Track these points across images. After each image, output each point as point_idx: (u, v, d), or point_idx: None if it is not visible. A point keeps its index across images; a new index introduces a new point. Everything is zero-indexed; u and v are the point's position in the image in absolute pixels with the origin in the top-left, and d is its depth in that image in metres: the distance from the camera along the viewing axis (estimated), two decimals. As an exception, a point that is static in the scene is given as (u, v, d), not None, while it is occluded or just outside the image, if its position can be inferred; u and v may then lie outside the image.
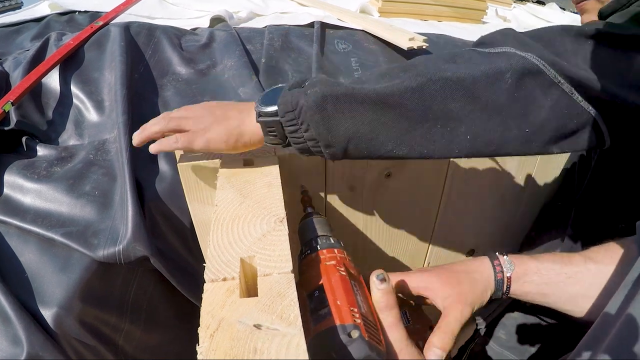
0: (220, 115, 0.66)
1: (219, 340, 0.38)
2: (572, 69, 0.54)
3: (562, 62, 0.55)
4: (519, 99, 0.56)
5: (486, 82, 0.55)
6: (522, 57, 0.55)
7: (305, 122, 0.58)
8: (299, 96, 0.58)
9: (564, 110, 0.56)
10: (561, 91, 0.55)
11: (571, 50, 0.56)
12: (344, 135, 0.58)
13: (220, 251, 0.49)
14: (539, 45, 0.57)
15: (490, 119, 0.56)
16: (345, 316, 0.50)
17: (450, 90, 0.55)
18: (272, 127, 0.62)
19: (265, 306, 0.42)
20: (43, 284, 0.88)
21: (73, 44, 1.28)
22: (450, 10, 2.37)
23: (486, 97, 0.55)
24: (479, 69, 0.55)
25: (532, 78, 0.55)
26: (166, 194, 1.04)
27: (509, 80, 0.55)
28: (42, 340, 0.83)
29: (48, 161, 1.06)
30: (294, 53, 1.57)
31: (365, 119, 0.57)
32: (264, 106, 0.61)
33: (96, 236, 0.93)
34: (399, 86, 0.56)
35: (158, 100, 1.26)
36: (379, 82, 0.58)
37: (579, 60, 0.55)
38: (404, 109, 0.56)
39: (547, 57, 0.55)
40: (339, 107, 0.57)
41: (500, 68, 0.55)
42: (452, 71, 0.56)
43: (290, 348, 0.38)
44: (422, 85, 0.55)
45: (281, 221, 0.55)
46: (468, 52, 0.60)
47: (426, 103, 0.56)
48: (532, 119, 0.56)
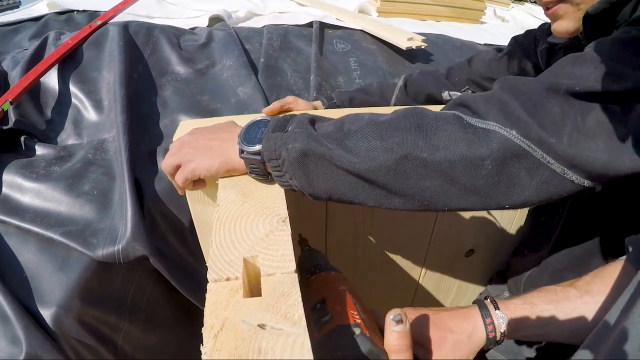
0: (202, 145, 0.68)
1: (223, 340, 0.38)
2: (562, 147, 0.50)
3: (549, 140, 0.50)
4: (499, 183, 0.53)
5: (463, 167, 0.52)
6: (505, 139, 0.51)
7: (288, 173, 0.59)
8: (281, 147, 0.58)
9: (553, 188, 0.53)
10: (551, 171, 0.52)
11: (560, 120, 0.51)
12: (325, 191, 0.59)
13: (223, 251, 0.49)
14: (524, 114, 0.52)
15: (468, 197, 0.55)
16: (346, 318, 0.51)
17: (425, 171, 0.53)
18: (255, 165, 0.63)
19: (269, 306, 0.42)
20: (42, 284, 0.88)
21: (71, 43, 1.28)
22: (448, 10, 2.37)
23: (464, 181, 0.53)
24: (457, 152, 0.52)
25: (517, 160, 0.52)
26: (165, 194, 1.04)
27: (489, 167, 0.52)
28: (41, 340, 0.83)
29: (47, 160, 1.05)
30: (293, 53, 1.57)
31: (345, 181, 0.57)
32: (247, 145, 0.61)
33: (95, 236, 0.93)
34: (374, 163, 0.54)
35: (157, 99, 1.26)
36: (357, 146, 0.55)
37: (569, 131, 0.51)
38: (379, 183, 0.56)
39: (534, 135, 0.51)
40: (320, 165, 0.57)
41: (480, 154, 0.52)
42: (429, 152, 0.53)
43: (295, 348, 0.38)
44: (396, 163, 0.53)
45: (284, 221, 0.55)
46: (450, 119, 0.55)
47: (401, 181, 0.55)
48: (514, 198, 0.54)
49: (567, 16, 0.68)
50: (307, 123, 0.59)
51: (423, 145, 0.53)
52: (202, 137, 0.69)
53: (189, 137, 0.70)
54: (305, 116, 0.62)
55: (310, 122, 0.60)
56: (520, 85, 0.55)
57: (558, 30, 0.71)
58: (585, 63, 0.53)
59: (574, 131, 0.51)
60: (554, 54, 0.88)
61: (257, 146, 0.61)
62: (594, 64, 0.52)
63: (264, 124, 0.64)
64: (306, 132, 0.57)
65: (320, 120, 0.63)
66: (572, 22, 0.68)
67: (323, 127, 0.60)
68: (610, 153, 0.50)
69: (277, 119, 0.63)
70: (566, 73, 0.54)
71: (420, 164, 0.53)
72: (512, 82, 0.56)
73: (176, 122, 1.20)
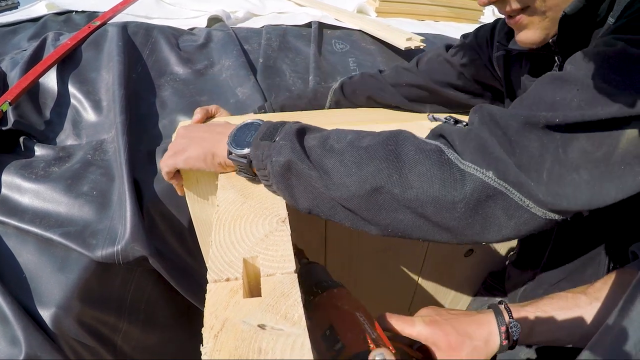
0: (196, 137, 0.70)
1: (223, 340, 0.38)
2: (542, 192, 0.48)
3: (528, 183, 0.48)
4: (474, 223, 0.51)
5: (435, 209, 0.51)
6: (481, 182, 0.49)
7: (274, 185, 0.60)
8: (267, 159, 0.58)
9: (533, 227, 0.51)
10: (531, 214, 0.50)
11: (539, 156, 0.48)
12: (306, 207, 0.59)
13: (222, 251, 0.49)
14: (502, 152, 0.50)
15: (442, 233, 0.54)
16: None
17: (397, 206, 0.53)
18: (243, 166, 0.64)
19: (269, 306, 0.42)
20: (41, 284, 0.88)
21: (70, 43, 1.28)
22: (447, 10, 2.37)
23: (436, 219, 0.52)
24: (430, 193, 0.51)
25: (492, 202, 0.50)
26: (164, 194, 1.04)
27: (462, 210, 0.50)
28: (41, 341, 0.83)
29: (46, 161, 1.05)
30: (292, 53, 1.57)
31: (324, 201, 0.57)
32: (236, 147, 0.62)
33: (94, 236, 0.93)
34: (347, 191, 0.54)
35: (156, 100, 1.26)
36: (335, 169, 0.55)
37: (549, 165, 0.48)
38: (354, 210, 0.56)
39: (512, 178, 0.49)
40: (301, 182, 0.57)
41: (452, 198, 0.50)
42: (401, 188, 0.52)
43: (295, 348, 0.38)
44: (368, 194, 0.53)
45: (283, 221, 0.55)
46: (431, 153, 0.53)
47: (373, 211, 0.54)
48: (491, 237, 0.52)
49: (533, 26, 0.64)
50: (293, 135, 0.59)
51: (397, 179, 0.52)
52: (197, 130, 0.71)
53: (184, 130, 0.72)
54: (294, 126, 0.61)
55: (297, 134, 0.59)
56: (498, 119, 0.52)
57: (523, 41, 0.67)
58: (567, 85, 0.50)
59: (555, 165, 0.48)
60: (512, 62, 0.82)
61: (245, 150, 0.61)
62: (576, 86, 0.49)
63: (254, 127, 0.64)
64: (290, 145, 0.57)
65: (309, 131, 0.62)
66: (538, 31, 0.64)
67: (309, 140, 0.60)
68: (595, 184, 0.47)
69: (267, 125, 0.63)
70: (546, 99, 0.51)
71: (392, 198, 0.53)
72: (490, 116, 0.53)
73: (175, 123, 1.20)
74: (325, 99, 1.07)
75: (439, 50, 0.99)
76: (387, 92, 1.02)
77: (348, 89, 1.06)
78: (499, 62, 0.85)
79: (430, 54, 1.00)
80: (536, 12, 0.62)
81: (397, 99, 1.02)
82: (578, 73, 0.50)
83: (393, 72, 1.04)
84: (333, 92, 1.07)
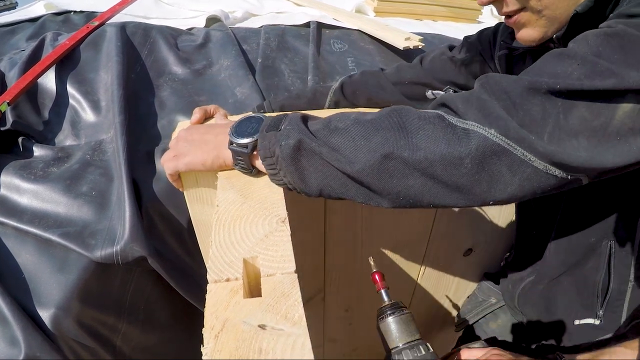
0: (197, 139, 0.71)
1: (224, 340, 0.38)
2: (542, 145, 0.50)
3: (530, 137, 0.51)
4: (480, 180, 0.53)
5: (443, 166, 0.53)
6: (484, 138, 0.52)
7: (282, 170, 0.60)
8: (275, 145, 0.59)
9: (537, 184, 0.53)
10: (533, 168, 0.52)
11: (541, 119, 0.51)
12: (317, 187, 0.60)
13: (222, 252, 0.49)
14: (503, 113, 0.52)
15: (451, 194, 0.56)
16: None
17: (408, 170, 0.55)
18: (241, 157, 0.65)
19: (269, 306, 0.42)
20: (40, 285, 0.88)
21: (69, 44, 1.28)
22: (445, 10, 2.37)
23: (445, 179, 0.54)
24: (437, 152, 0.53)
25: (497, 158, 0.52)
26: (163, 194, 1.04)
27: (468, 165, 0.52)
28: (40, 341, 0.83)
29: (45, 161, 1.05)
30: (290, 53, 1.57)
31: (335, 177, 0.58)
32: (237, 137, 0.63)
33: (94, 237, 0.93)
34: (358, 163, 0.56)
35: (155, 100, 1.26)
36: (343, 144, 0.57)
37: (550, 129, 0.51)
38: (365, 183, 0.57)
39: (513, 134, 0.51)
40: (311, 161, 0.58)
41: (459, 153, 0.52)
42: (410, 151, 0.54)
43: (295, 348, 0.38)
44: (379, 162, 0.55)
45: (283, 221, 0.55)
46: (432, 119, 0.56)
47: (385, 179, 0.56)
48: (497, 195, 0.54)
49: (531, 24, 0.67)
50: (299, 120, 0.61)
51: (404, 144, 0.54)
52: (197, 131, 0.72)
53: (184, 132, 0.72)
54: (297, 114, 0.63)
55: (302, 120, 0.61)
56: (501, 83, 0.55)
57: (523, 39, 0.70)
58: (568, 59, 0.53)
59: (555, 129, 0.51)
60: (514, 60, 0.85)
61: (245, 139, 0.63)
62: (576, 61, 0.52)
63: (256, 120, 0.65)
64: (298, 128, 0.59)
65: (312, 118, 0.64)
66: (537, 29, 0.67)
67: (313, 124, 0.61)
68: (593, 150, 0.50)
69: (270, 118, 0.64)
70: (549, 70, 0.54)
71: (402, 162, 0.54)
72: (493, 81, 0.56)
73: (174, 123, 1.20)
74: (325, 99, 1.08)
75: (442, 49, 1.01)
76: (387, 90, 1.03)
77: (348, 89, 1.06)
78: (501, 61, 0.87)
79: (433, 53, 1.02)
80: (533, 11, 0.65)
81: (398, 97, 1.03)
82: (579, 49, 0.53)
83: (395, 70, 1.05)
84: (333, 92, 1.07)
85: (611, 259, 0.75)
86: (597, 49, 0.52)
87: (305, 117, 0.63)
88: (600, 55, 0.51)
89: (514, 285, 0.98)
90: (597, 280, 0.77)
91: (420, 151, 0.53)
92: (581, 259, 0.79)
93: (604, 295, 0.77)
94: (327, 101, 1.08)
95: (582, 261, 0.80)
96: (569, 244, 0.81)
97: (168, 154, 0.71)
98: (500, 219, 1.13)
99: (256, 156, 0.63)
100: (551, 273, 0.86)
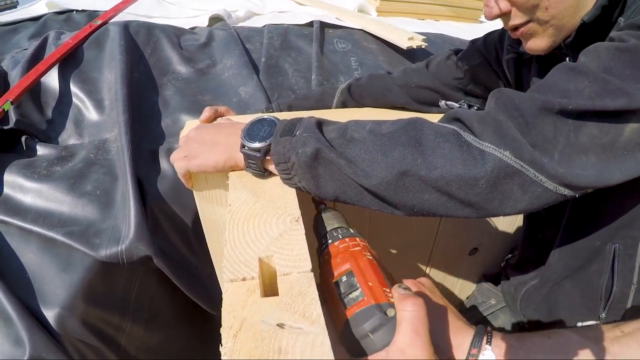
0: (208, 140, 0.70)
1: (242, 340, 0.37)
2: (554, 167, 0.52)
3: (542, 160, 0.52)
4: (493, 199, 0.55)
5: (459, 186, 0.54)
6: (499, 161, 0.53)
7: (297, 176, 0.61)
8: (291, 151, 0.59)
9: (545, 201, 0.55)
10: (544, 188, 0.53)
11: (552, 137, 0.52)
12: (332, 194, 0.61)
13: (238, 251, 0.49)
14: (518, 134, 0.53)
15: (464, 209, 0.57)
16: (379, 296, 0.50)
17: (424, 186, 0.56)
18: (253, 161, 0.65)
19: (287, 305, 0.41)
20: (45, 285, 0.87)
21: (72, 42, 1.28)
22: (447, 10, 2.38)
23: (460, 196, 0.55)
24: (454, 172, 0.54)
25: (510, 179, 0.53)
26: (168, 193, 1.04)
27: (483, 186, 0.54)
28: (45, 341, 0.82)
29: (48, 160, 1.05)
30: (294, 52, 1.57)
31: (352, 186, 0.59)
32: (249, 141, 0.63)
33: (98, 236, 0.92)
34: (375, 177, 0.56)
35: (158, 99, 1.25)
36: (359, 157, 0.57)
37: (561, 147, 0.52)
38: (380, 196, 0.58)
39: (527, 156, 0.52)
40: (328, 170, 0.59)
41: (474, 175, 0.53)
42: (427, 169, 0.54)
43: (315, 347, 0.37)
44: (396, 179, 0.55)
45: (297, 220, 0.54)
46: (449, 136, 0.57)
47: (400, 194, 0.57)
48: (508, 210, 0.56)
49: (538, 34, 0.67)
50: (314, 127, 0.60)
51: (421, 162, 0.55)
52: (208, 132, 0.71)
53: (195, 133, 0.72)
54: (312, 120, 0.63)
55: (318, 126, 0.61)
56: (514, 101, 0.56)
57: (532, 49, 0.70)
58: (579, 76, 0.53)
59: (566, 147, 0.52)
60: (522, 64, 0.85)
61: (257, 143, 0.62)
62: (588, 78, 0.52)
63: (268, 123, 0.65)
64: (315, 136, 0.59)
65: (327, 124, 0.64)
66: (545, 39, 0.67)
67: (328, 132, 0.61)
68: (601, 166, 0.52)
69: (284, 122, 0.64)
70: (560, 86, 0.54)
71: (419, 179, 0.55)
72: (507, 98, 0.57)
73: (178, 122, 1.20)
74: (332, 99, 1.08)
75: (448, 54, 1.01)
76: (394, 92, 1.03)
77: (355, 90, 1.07)
78: (510, 65, 0.87)
79: (440, 57, 1.02)
80: (539, 22, 0.65)
81: (404, 99, 1.03)
82: (591, 65, 0.53)
83: (401, 74, 1.05)
84: (340, 92, 1.07)
85: (615, 262, 0.74)
86: (608, 64, 0.52)
87: (321, 123, 0.63)
88: (612, 71, 0.51)
89: (517, 288, 0.97)
90: (600, 284, 0.77)
91: (436, 170, 0.54)
92: (585, 262, 0.79)
93: (607, 298, 0.77)
94: (334, 101, 1.08)
95: (586, 265, 0.79)
96: (574, 248, 0.80)
97: (178, 153, 0.70)
98: (507, 219, 1.13)
99: (269, 160, 0.63)
100: (555, 277, 0.85)
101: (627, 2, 0.60)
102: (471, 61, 0.95)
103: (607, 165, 0.52)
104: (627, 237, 0.71)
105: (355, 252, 0.57)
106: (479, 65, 0.94)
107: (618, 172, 0.52)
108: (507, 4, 0.65)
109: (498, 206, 0.55)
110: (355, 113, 1.05)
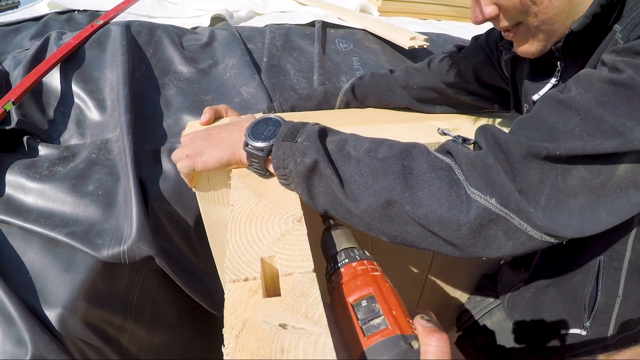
0: (215, 137, 0.71)
1: (245, 340, 0.37)
2: (539, 217, 0.50)
3: (528, 209, 0.50)
4: (476, 243, 0.54)
5: (441, 227, 0.54)
6: (484, 209, 0.52)
7: (293, 183, 0.61)
8: (290, 159, 0.60)
9: (529, 247, 0.53)
10: (528, 236, 0.52)
11: (539, 182, 0.51)
12: (322, 206, 0.61)
13: (240, 251, 0.49)
14: (505, 180, 0.52)
15: (447, 247, 0.56)
16: (404, 327, 0.49)
17: (408, 219, 0.55)
18: (255, 159, 0.65)
19: (289, 305, 0.41)
20: (47, 285, 0.87)
21: (74, 42, 1.27)
22: (449, 9, 2.37)
23: (442, 235, 0.55)
24: (438, 212, 0.53)
25: (494, 225, 0.52)
26: (170, 193, 1.03)
27: (465, 232, 0.53)
28: (47, 341, 0.82)
29: (50, 161, 1.05)
30: (296, 52, 1.57)
31: (341, 205, 0.59)
32: (253, 140, 0.63)
33: (100, 236, 0.92)
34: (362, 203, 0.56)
35: (160, 99, 1.25)
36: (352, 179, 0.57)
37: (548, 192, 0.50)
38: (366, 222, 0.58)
39: (513, 205, 0.51)
40: (322, 183, 0.59)
41: (457, 220, 0.53)
42: (412, 205, 0.54)
43: (317, 347, 0.37)
44: (382, 208, 0.55)
45: (299, 220, 0.54)
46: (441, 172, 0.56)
47: (385, 222, 0.57)
48: (491, 253, 0.55)
49: (529, 39, 0.66)
50: (316, 136, 0.60)
51: (408, 197, 0.55)
52: (214, 130, 0.72)
53: (202, 132, 0.72)
54: (316, 128, 0.63)
55: (319, 136, 0.61)
56: (501, 143, 0.54)
57: (522, 52, 0.70)
58: (569, 112, 0.51)
59: (553, 191, 0.50)
60: (518, 64, 0.84)
61: (260, 143, 0.63)
62: (579, 115, 0.50)
63: (272, 123, 0.66)
64: (315, 147, 0.59)
65: (330, 133, 0.64)
66: (535, 43, 0.66)
67: (330, 142, 0.62)
68: (588, 209, 0.50)
69: (288, 125, 0.64)
70: (548, 126, 0.52)
71: (404, 212, 0.55)
72: (495, 140, 0.55)
73: (180, 122, 1.19)
74: (335, 100, 1.08)
75: (450, 52, 0.99)
76: (396, 93, 1.03)
77: (358, 91, 1.06)
78: (507, 64, 0.86)
79: (442, 56, 1.01)
80: (529, 27, 0.64)
81: (407, 100, 1.02)
82: (582, 99, 0.51)
83: (403, 73, 1.04)
84: (343, 93, 1.07)
85: (599, 275, 0.74)
86: (601, 98, 0.49)
87: (324, 132, 0.63)
88: (605, 105, 0.48)
89: (504, 288, 0.98)
90: (584, 294, 0.76)
91: (422, 208, 0.54)
92: (569, 272, 0.78)
93: (591, 308, 0.77)
94: (337, 102, 1.08)
95: (570, 275, 0.79)
96: (557, 258, 0.80)
97: (180, 152, 0.70)
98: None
99: (271, 160, 0.63)
100: (539, 282, 0.85)
101: (625, 8, 0.57)
102: (474, 59, 0.94)
103: (595, 207, 0.50)
104: (613, 250, 0.71)
105: (377, 277, 0.56)
106: (481, 64, 0.93)
107: (605, 214, 0.50)
108: (495, 8, 0.64)
109: (481, 250, 0.55)
110: (357, 114, 1.05)
